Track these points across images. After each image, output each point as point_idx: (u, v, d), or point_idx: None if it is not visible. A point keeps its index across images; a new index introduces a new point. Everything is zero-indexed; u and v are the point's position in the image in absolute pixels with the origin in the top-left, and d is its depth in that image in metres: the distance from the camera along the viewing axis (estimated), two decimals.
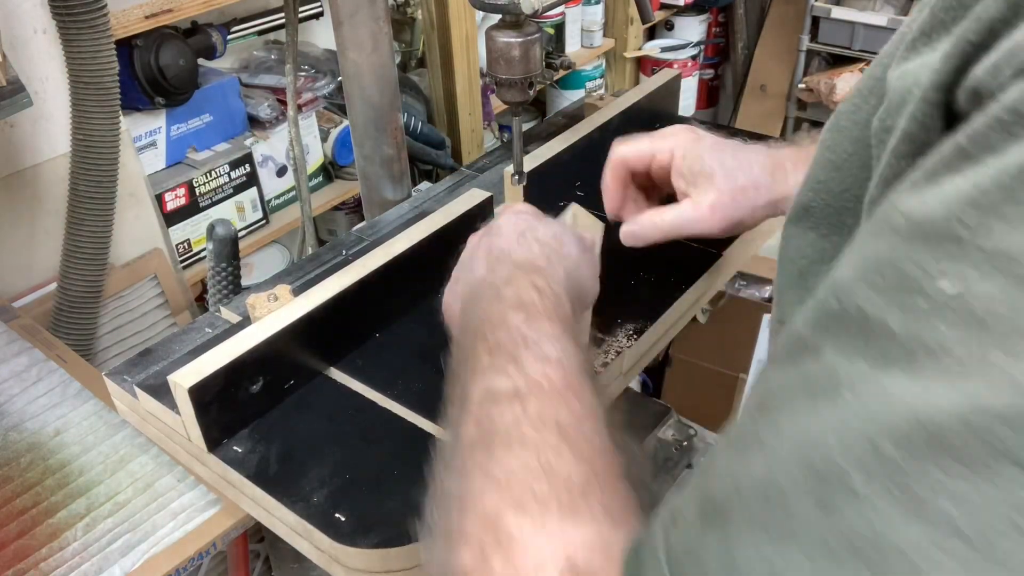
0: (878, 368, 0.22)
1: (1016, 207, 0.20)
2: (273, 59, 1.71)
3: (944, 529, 0.19)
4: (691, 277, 0.79)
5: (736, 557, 0.24)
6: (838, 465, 0.22)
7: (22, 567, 0.76)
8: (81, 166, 1.19)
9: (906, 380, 0.21)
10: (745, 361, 1.87)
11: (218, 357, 0.62)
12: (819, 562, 0.22)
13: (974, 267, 0.20)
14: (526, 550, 0.33)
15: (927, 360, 0.21)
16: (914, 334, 0.21)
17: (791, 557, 0.22)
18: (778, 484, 0.23)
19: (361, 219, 1.08)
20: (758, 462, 0.25)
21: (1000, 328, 0.20)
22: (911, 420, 0.20)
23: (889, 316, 0.22)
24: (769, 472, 0.24)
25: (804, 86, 2.63)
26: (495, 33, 0.71)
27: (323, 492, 0.59)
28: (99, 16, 1.09)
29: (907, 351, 0.21)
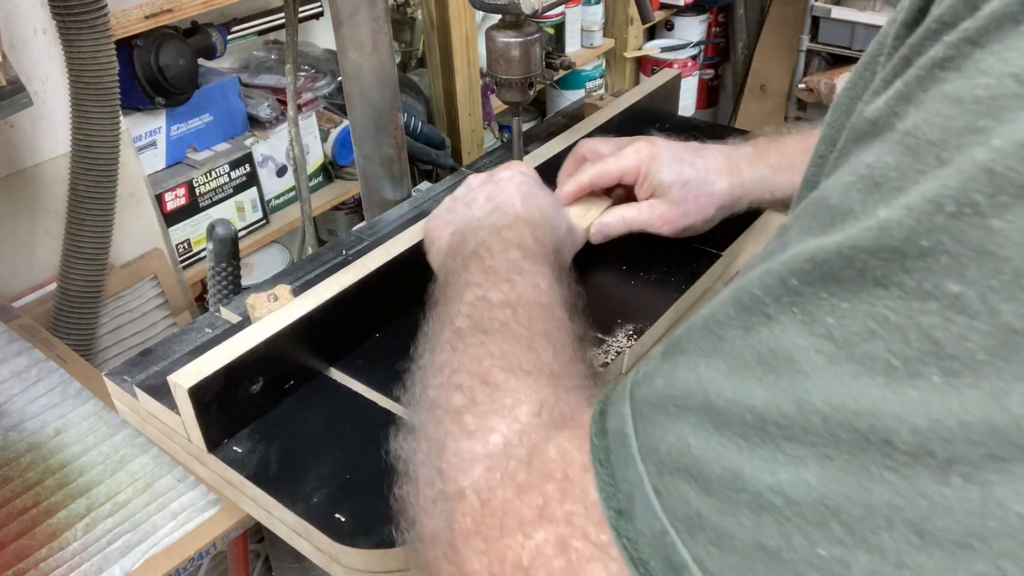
0: (806, 233, 0.27)
1: (923, 93, 0.25)
2: (273, 59, 1.71)
3: (822, 336, 0.25)
4: (691, 277, 0.79)
5: (677, 373, 0.31)
6: (756, 295, 0.28)
7: (22, 567, 0.76)
8: (81, 166, 1.19)
9: (818, 236, 0.27)
10: None
11: (218, 357, 0.62)
12: (734, 369, 0.28)
13: (887, 144, 0.25)
14: (509, 392, 0.41)
15: (839, 221, 0.26)
16: (838, 203, 0.26)
17: (715, 367, 0.29)
18: (717, 318, 0.30)
19: (361, 219, 1.08)
20: (706, 309, 0.31)
21: (887, 186, 0.25)
22: (809, 258, 0.26)
23: (824, 190, 0.28)
24: (712, 311, 0.31)
25: (804, 86, 2.63)
26: (495, 33, 0.71)
27: (323, 492, 0.59)
28: (99, 16, 1.09)
29: (831, 217, 0.27)
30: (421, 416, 0.44)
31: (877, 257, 0.24)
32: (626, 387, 0.34)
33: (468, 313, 0.48)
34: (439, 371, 0.45)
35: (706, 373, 0.29)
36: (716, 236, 0.85)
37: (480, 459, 0.38)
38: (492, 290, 0.49)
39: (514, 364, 0.43)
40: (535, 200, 0.64)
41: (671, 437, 0.29)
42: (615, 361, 0.70)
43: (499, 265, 0.52)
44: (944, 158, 0.23)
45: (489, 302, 0.48)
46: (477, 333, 0.46)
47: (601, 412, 0.35)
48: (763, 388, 0.26)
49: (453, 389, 0.43)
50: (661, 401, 0.31)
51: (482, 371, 0.43)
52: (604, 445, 0.33)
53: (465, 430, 0.40)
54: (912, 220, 0.23)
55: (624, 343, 0.71)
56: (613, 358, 0.70)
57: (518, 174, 0.67)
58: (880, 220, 0.24)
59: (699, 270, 0.80)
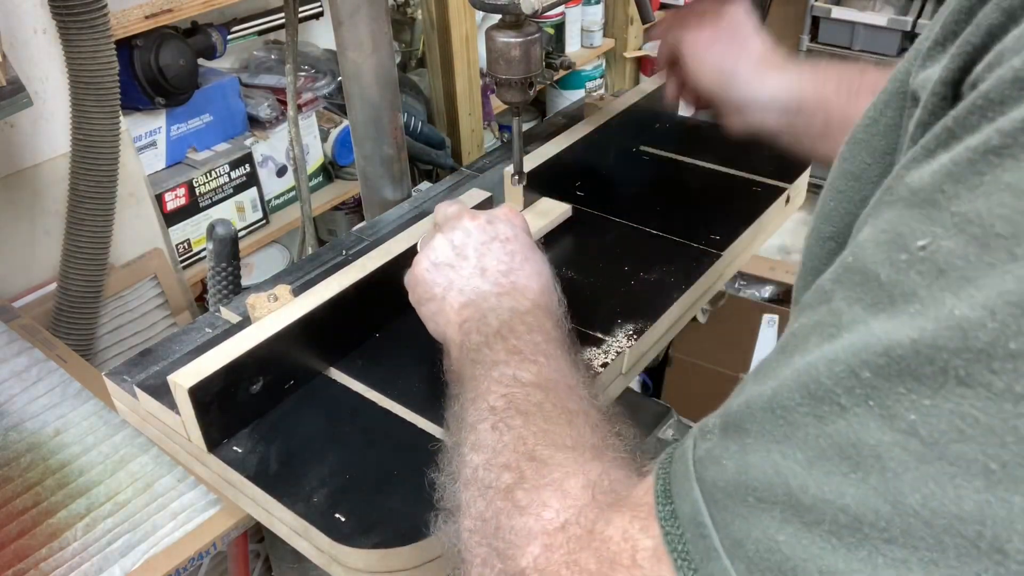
0: (869, 312, 0.27)
1: (978, 177, 0.24)
2: (273, 59, 1.71)
3: (907, 433, 0.25)
4: (691, 277, 0.79)
5: (749, 458, 0.29)
6: (826, 385, 0.27)
7: (22, 567, 0.76)
8: (81, 166, 1.19)
9: (885, 320, 0.26)
10: (745, 361, 1.87)
11: (218, 357, 0.62)
12: (814, 460, 0.27)
13: (942, 227, 0.25)
14: (556, 466, 0.42)
15: (901, 303, 0.26)
16: (895, 283, 0.26)
17: (791, 456, 0.28)
18: (782, 402, 0.29)
19: (361, 219, 1.08)
20: (768, 386, 0.30)
21: (953, 275, 0.24)
22: (883, 352, 0.25)
23: (881, 269, 0.27)
24: (775, 394, 0.29)
25: None
26: (495, 33, 0.71)
27: (323, 492, 0.59)
28: (99, 16, 1.09)
29: (890, 297, 0.26)
30: (467, 495, 0.45)
31: (960, 357, 0.24)
32: (688, 465, 0.33)
33: (503, 392, 0.49)
34: (482, 450, 0.46)
35: (783, 463, 0.28)
36: (716, 236, 0.85)
37: (536, 536, 0.38)
38: (521, 370, 0.51)
39: (557, 440, 0.44)
40: (546, 280, 0.62)
41: (756, 532, 0.28)
42: (615, 361, 0.70)
43: (524, 347, 0.53)
44: (1018, 254, 0.23)
45: (520, 382, 0.49)
46: (516, 415, 0.47)
47: (665, 492, 0.34)
48: (852, 486, 0.26)
49: (500, 468, 0.43)
50: (737, 490, 0.30)
51: (527, 449, 0.44)
52: (679, 534, 0.32)
53: (517, 506, 0.40)
54: (997, 323, 0.23)
55: (624, 343, 0.71)
56: (613, 358, 0.70)
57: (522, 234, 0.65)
58: (957, 318, 0.24)
59: (699, 270, 0.80)
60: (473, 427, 0.48)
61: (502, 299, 0.58)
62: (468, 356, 0.55)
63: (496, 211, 0.66)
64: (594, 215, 0.91)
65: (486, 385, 0.50)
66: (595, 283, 0.79)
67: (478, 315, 0.57)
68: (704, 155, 1.01)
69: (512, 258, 0.62)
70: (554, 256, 0.83)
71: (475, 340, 0.55)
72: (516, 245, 0.63)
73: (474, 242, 0.63)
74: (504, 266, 0.61)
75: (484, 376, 0.51)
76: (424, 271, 0.63)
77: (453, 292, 0.61)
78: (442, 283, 0.62)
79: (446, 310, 0.60)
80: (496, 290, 0.59)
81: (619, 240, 0.86)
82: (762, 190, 0.93)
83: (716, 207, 0.91)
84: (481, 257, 0.62)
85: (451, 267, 0.62)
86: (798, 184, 0.95)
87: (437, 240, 0.64)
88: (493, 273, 0.61)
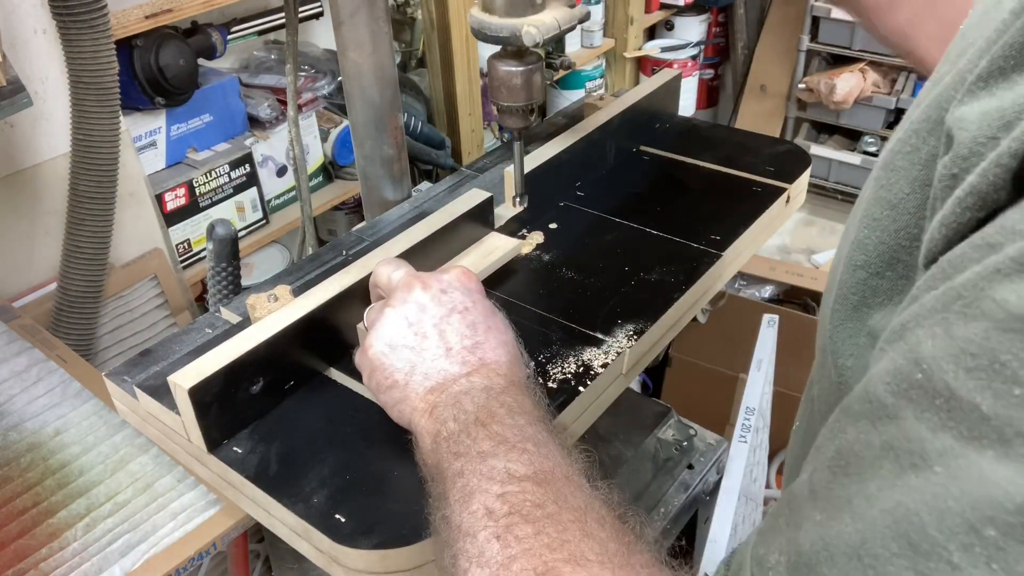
0: (968, 447, 0.24)
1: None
2: (273, 59, 1.71)
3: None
4: (691, 277, 0.79)
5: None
6: (934, 538, 0.23)
7: (22, 567, 0.76)
8: (81, 166, 1.19)
9: (999, 463, 0.23)
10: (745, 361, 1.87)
11: (218, 357, 0.62)
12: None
13: None
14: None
15: (1003, 437, 0.23)
16: (1007, 419, 0.23)
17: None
18: (871, 550, 0.25)
19: (361, 219, 1.08)
20: (849, 525, 0.26)
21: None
22: (1016, 508, 0.22)
23: (981, 399, 0.24)
24: (862, 537, 0.26)
25: (804, 86, 2.63)
26: (497, 62, 0.72)
27: (323, 493, 0.59)
28: (99, 16, 1.09)
29: (1000, 435, 0.23)
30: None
31: None
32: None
33: (498, 492, 0.44)
34: (487, 565, 0.41)
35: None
36: (716, 236, 0.85)
37: None
38: (511, 462, 0.46)
39: (577, 555, 0.40)
40: (512, 349, 0.58)
41: None
42: (615, 361, 0.70)
43: (509, 433, 0.49)
44: None
45: (515, 476, 0.45)
46: (522, 522, 0.42)
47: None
48: None
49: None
50: None
51: (546, 568, 0.39)
52: None
53: None
54: None
55: (624, 343, 0.71)
56: (613, 359, 0.70)
57: (480, 299, 0.60)
58: None
59: (699, 270, 0.80)
60: (472, 536, 0.43)
61: (472, 379, 0.54)
62: (447, 448, 0.50)
63: (448, 277, 0.62)
64: (594, 215, 0.91)
65: (476, 481, 0.46)
66: (595, 283, 0.79)
67: (450, 400, 0.53)
68: (704, 155, 1.01)
69: (475, 331, 0.57)
70: (553, 257, 0.83)
71: (452, 428, 0.51)
72: (476, 314, 0.59)
73: (431, 317, 0.58)
74: (469, 341, 0.57)
75: (472, 471, 0.46)
76: (380, 355, 0.58)
77: (417, 376, 0.56)
78: (403, 368, 0.57)
79: (411, 397, 0.56)
80: (465, 370, 0.55)
81: (619, 240, 0.86)
82: (762, 190, 0.93)
83: (716, 207, 0.91)
84: (442, 334, 0.57)
85: (410, 348, 0.57)
86: (798, 184, 0.95)
87: (388, 317, 0.59)
88: (458, 351, 0.56)
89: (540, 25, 0.68)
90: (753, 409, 1.05)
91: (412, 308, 0.59)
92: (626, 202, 0.93)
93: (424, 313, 0.58)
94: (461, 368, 0.55)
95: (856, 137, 2.76)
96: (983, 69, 0.28)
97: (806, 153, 1.02)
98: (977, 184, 0.27)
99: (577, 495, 0.45)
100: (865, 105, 2.61)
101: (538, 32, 0.67)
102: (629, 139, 1.03)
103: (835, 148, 2.74)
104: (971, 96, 0.29)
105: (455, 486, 0.47)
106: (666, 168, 1.01)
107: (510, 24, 0.68)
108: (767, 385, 1.21)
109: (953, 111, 0.30)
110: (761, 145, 1.03)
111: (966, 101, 0.29)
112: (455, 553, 0.44)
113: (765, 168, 0.96)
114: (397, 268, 0.64)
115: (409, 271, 0.63)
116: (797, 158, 1.00)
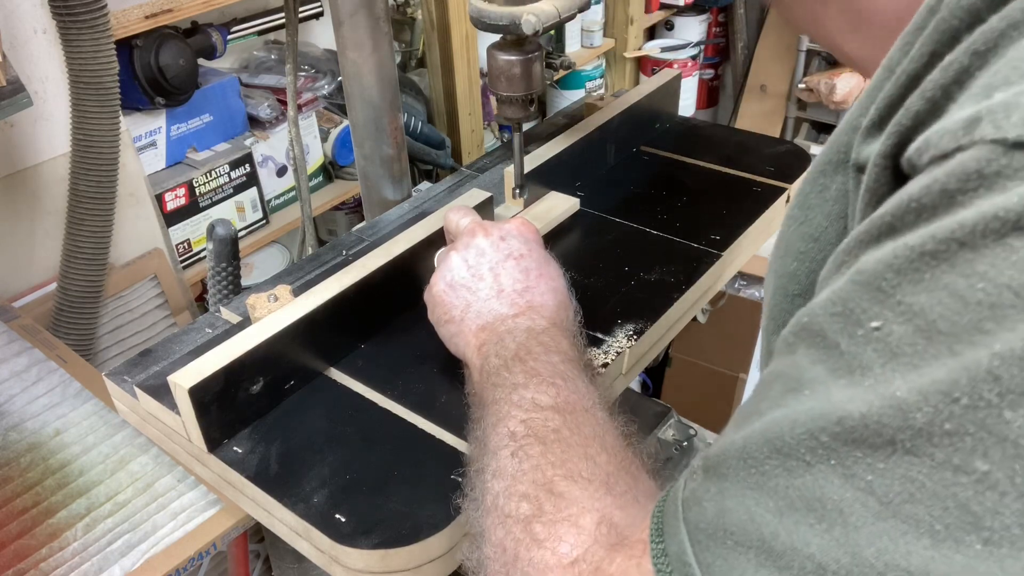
0: (830, 376, 0.30)
1: (918, 274, 0.27)
2: (273, 59, 1.71)
3: (864, 491, 0.28)
4: (691, 277, 0.79)
5: (726, 503, 0.33)
6: (790, 444, 0.30)
7: (22, 567, 0.76)
8: (81, 166, 1.19)
9: (843, 388, 0.29)
10: (745, 361, 1.87)
11: (218, 357, 0.62)
12: (784, 510, 0.30)
13: (892, 311, 0.28)
14: (572, 501, 0.43)
15: (858, 375, 0.29)
16: (854, 355, 0.29)
17: (763, 504, 0.31)
18: (751, 452, 0.32)
19: (361, 219, 1.08)
20: (741, 435, 0.33)
21: (903, 359, 0.27)
22: (836, 421, 0.29)
23: (840, 339, 0.30)
24: (746, 444, 0.32)
25: (804, 86, 2.63)
26: (496, 52, 0.72)
27: (323, 492, 0.59)
28: (99, 16, 1.09)
29: (848, 367, 0.29)
30: (488, 522, 0.46)
31: (903, 432, 0.27)
32: (677, 504, 0.36)
33: (522, 418, 0.50)
34: (502, 477, 0.47)
35: (756, 510, 0.31)
36: (716, 236, 0.85)
37: (551, 569, 0.41)
38: (539, 393, 0.52)
39: (574, 472, 0.45)
40: (561, 295, 0.64)
41: (735, 574, 0.31)
42: (615, 361, 0.70)
43: (542, 368, 0.54)
44: (956, 351, 0.26)
45: (539, 406, 0.51)
46: (535, 442, 0.48)
47: (658, 530, 0.36)
48: (816, 536, 0.29)
49: (519, 498, 0.45)
50: (716, 532, 0.33)
51: (546, 480, 0.45)
52: (668, 572, 0.34)
53: (536, 539, 0.42)
54: (931, 407, 0.26)
55: (624, 343, 0.71)
56: (613, 358, 0.70)
57: (535, 248, 0.66)
58: (899, 399, 0.27)
59: (699, 270, 0.80)
60: (495, 453, 0.49)
61: (518, 320, 0.60)
62: (488, 380, 0.56)
63: (508, 225, 0.67)
64: (594, 215, 0.91)
65: (506, 409, 0.51)
66: (595, 283, 0.79)
67: (495, 338, 0.58)
68: (704, 155, 1.01)
69: (527, 275, 0.63)
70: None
71: (494, 363, 0.56)
72: (530, 261, 0.64)
73: (489, 261, 0.64)
74: (520, 284, 0.62)
75: (504, 400, 0.52)
76: (442, 292, 0.64)
77: (471, 314, 0.62)
78: (460, 305, 0.63)
79: (464, 332, 0.62)
80: (512, 311, 0.61)
81: (619, 240, 0.86)
82: (762, 190, 0.93)
83: (716, 207, 0.91)
84: (497, 277, 0.63)
85: (467, 288, 0.63)
86: (798, 184, 0.95)
87: (453, 259, 0.65)
88: (509, 293, 0.62)
89: (540, 13, 0.67)
90: None
91: (473, 252, 0.65)
92: (626, 202, 0.93)
93: (483, 257, 0.64)
94: (510, 309, 0.61)
95: None
96: (874, 116, 0.33)
97: (806, 153, 1.02)
98: (868, 184, 0.33)
99: (592, 424, 0.50)
100: None
101: (538, 20, 0.67)
102: (629, 139, 1.03)
103: None
104: (870, 137, 0.34)
105: (489, 412, 0.53)
106: (666, 168, 1.01)
107: (509, 12, 0.68)
108: None
109: (858, 151, 0.35)
110: (761, 145, 1.03)
111: (868, 141, 0.34)
112: (482, 467, 0.50)
113: (765, 168, 0.96)
114: (465, 215, 0.70)
115: (475, 218, 0.69)
116: (797, 158, 1.00)
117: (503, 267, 0.63)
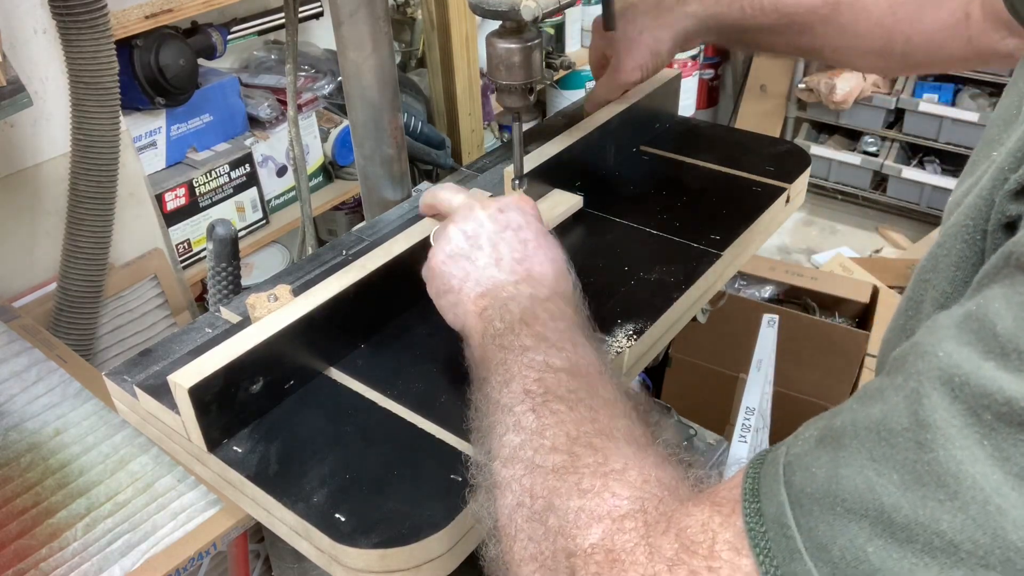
0: (982, 358, 0.30)
1: None
2: (273, 59, 1.71)
3: (1017, 476, 0.27)
4: (691, 277, 0.79)
5: (841, 471, 0.32)
6: (944, 418, 0.29)
7: (22, 567, 0.76)
8: (81, 166, 1.19)
9: (998, 370, 0.29)
10: (745, 361, 1.87)
11: (218, 357, 0.62)
12: (909, 485, 0.29)
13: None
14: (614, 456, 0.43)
15: (1006, 353, 0.29)
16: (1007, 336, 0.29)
17: (886, 475, 0.30)
18: (889, 425, 0.31)
19: (361, 219, 1.08)
20: (877, 409, 0.33)
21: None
22: (1006, 401, 0.28)
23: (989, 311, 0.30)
24: (884, 416, 0.32)
25: (804, 86, 2.63)
26: (496, 39, 0.72)
27: (323, 492, 0.59)
28: (99, 16, 1.09)
29: (1003, 350, 0.29)
30: (509, 472, 0.46)
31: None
32: (778, 467, 0.35)
33: (536, 377, 0.50)
34: (522, 431, 0.47)
35: (877, 480, 0.31)
36: (716, 236, 0.85)
37: (601, 519, 0.40)
38: (551, 356, 0.52)
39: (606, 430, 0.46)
40: (560, 266, 0.63)
41: (843, 540, 0.31)
42: (615, 361, 0.70)
43: (549, 333, 0.54)
44: None
45: (552, 368, 0.51)
46: (556, 400, 0.48)
47: (753, 491, 0.36)
48: (948, 513, 0.29)
49: (548, 451, 0.45)
50: (825, 497, 0.32)
51: (579, 435, 0.45)
52: (762, 531, 0.34)
53: (578, 488, 0.42)
54: None
55: (624, 343, 0.71)
56: (613, 358, 0.70)
57: (533, 221, 0.66)
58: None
59: (699, 270, 0.80)
60: (510, 409, 0.49)
61: (520, 287, 0.59)
62: (493, 342, 0.55)
63: (506, 199, 0.67)
64: (594, 215, 0.91)
65: (517, 369, 0.51)
66: (595, 283, 0.79)
67: (497, 303, 0.58)
68: (704, 155, 1.01)
69: (525, 246, 0.63)
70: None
71: (498, 327, 0.56)
72: (528, 233, 0.64)
73: (487, 232, 0.63)
74: (518, 254, 0.62)
75: (514, 361, 0.52)
76: (440, 263, 0.64)
77: (470, 283, 0.61)
78: (458, 275, 0.62)
79: (464, 301, 0.61)
80: (513, 279, 0.60)
81: (619, 240, 0.86)
82: (762, 190, 0.93)
83: (716, 207, 0.91)
84: (495, 247, 0.62)
85: (466, 258, 0.63)
86: (798, 184, 0.95)
87: (451, 231, 0.64)
88: (508, 262, 0.62)
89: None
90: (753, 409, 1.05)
91: (471, 224, 0.64)
92: (626, 202, 0.93)
93: (481, 228, 0.64)
94: (509, 276, 0.61)
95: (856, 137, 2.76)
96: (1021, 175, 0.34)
97: (806, 153, 1.02)
98: None
99: (608, 388, 0.50)
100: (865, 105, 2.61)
101: (537, 6, 0.66)
102: (629, 139, 1.03)
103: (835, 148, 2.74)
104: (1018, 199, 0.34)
105: (497, 372, 0.52)
106: (666, 168, 1.01)
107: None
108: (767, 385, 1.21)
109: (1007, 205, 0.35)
110: (761, 145, 1.03)
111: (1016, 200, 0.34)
112: (492, 423, 0.50)
113: (765, 168, 0.96)
114: (456, 192, 0.70)
115: (472, 195, 0.69)
116: (797, 158, 1.00)
117: (501, 237, 0.63)
